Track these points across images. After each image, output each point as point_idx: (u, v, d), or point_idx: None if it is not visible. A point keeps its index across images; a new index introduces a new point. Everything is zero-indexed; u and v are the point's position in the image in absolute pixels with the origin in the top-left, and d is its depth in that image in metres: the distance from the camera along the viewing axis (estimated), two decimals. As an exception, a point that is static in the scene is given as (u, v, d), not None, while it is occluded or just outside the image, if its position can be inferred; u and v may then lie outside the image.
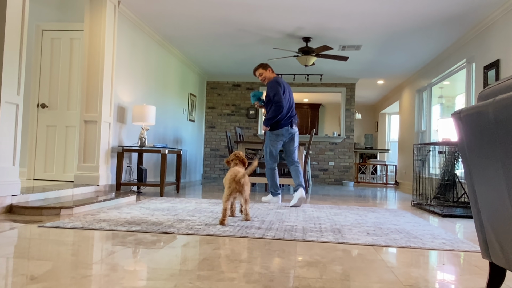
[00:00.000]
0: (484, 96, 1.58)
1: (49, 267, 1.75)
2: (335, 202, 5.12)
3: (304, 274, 1.78)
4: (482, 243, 1.59)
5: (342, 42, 6.25)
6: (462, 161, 1.70)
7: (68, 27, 5.01)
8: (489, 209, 1.52)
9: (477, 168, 1.57)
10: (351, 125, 9.22)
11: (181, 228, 2.75)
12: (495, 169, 1.43)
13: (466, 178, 1.68)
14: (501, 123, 1.36)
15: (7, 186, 3.20)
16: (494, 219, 1.49)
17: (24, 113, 5.08)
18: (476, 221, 1.62)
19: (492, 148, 1.43)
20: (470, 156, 1.60)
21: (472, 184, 1.63)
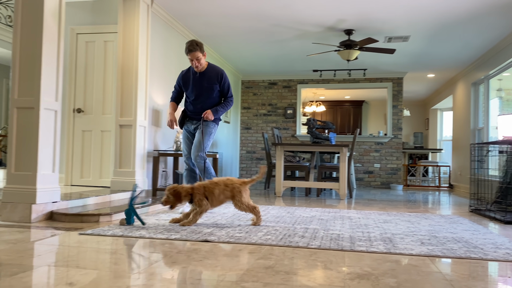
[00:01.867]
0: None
1: (93, 276, 1.85)
2: (382, 207, 5.05)
3: (355, 287, 1.78)
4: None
5: (388, 33, 6.14)
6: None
7: (102, 30, 5.22)
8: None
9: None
10: (399, 123, 9.03)
11: (221, 236, 2.81)
12: None
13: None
14: None
15: (48, 193, 3.38)
16: None
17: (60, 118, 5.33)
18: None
19: None
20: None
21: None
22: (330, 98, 12.51)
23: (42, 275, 1.86)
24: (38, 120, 3.30)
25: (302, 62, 8.10)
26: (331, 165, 6.36)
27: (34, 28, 3.34)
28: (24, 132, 3.33)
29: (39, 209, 3.31)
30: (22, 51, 3.35)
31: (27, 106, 3.33)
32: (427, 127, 12.32)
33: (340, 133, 12.55)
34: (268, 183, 7.26)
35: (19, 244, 2.49)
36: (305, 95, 11.72)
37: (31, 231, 2.94)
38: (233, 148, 9.12)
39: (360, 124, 12.64)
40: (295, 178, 6.97)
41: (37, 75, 3.31)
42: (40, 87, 3.31)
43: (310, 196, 6.27)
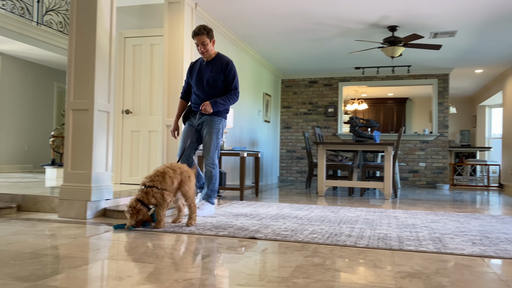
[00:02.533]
0: None
1: (151, 269, 1.95)
2: (429, 207, 4.95)
3: (407, 285, 1.79)
4: None
5: (433, 29, 6.00)
6: None
7: (148, 33, 5.41)
8: None
9: None
10: (445, 121, 8.78)
11: (268, 234, 2.87)
12: None
13: None
14: None
15: (102, 191, 3.56)
16: None
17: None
18: None
19: None
20: None
21: None
22: (373, 95, 12.32)
23: (103, 268, 1.99)
24: (92, 121, 3.48)
25: (343, 60, 8.05)
26: (375, 164, 6.29)
27: (88, 34, 3.52)
28: (79, 133, 3.52)
29: (93, 206, 3.49)
30: (77, 56, 3.55)
31: (82, 108, 3.51)
32: (475, 125, 11.89)
33: (383, 131, 12.34)
34: (309, 183, 7.26)
35: (78, 239, 2.65)
36: (347, 93, 11.61)
37: (87, 227, 3.11)
38: (273, 147, 9.18)
39: (404, 122, 12.37)
40: (337, 178, 6.94)
41: (91, 79, 3.50)
42: (93, 89, 3.49)
43: (353, 196, 6.23)
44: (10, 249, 2.32)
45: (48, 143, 9.29)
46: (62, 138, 7.06)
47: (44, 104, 9.31)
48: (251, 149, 7.53)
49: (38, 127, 9.13)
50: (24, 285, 1.68)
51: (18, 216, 3.52)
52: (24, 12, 7.19)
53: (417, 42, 6.63)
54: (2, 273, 1.85)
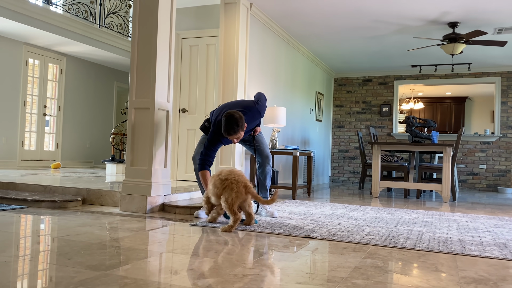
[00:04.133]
0: None
1: (211, 264, 2.01)
2: (491, 211, 4.71)
3: (472, 291, 1.73)
4: None
5: (498, 24, 5.70)
6: None
7: (204, 34, 5.54)
8: None
9: None
10: (509, 121, 8.32)
11: (323, 234, 2.86)
12: None
13: None
14: None
15: (161, 186, 3.70)
16: None
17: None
18: None
19: None
20: None
21: None
22: (429, 94, 11.88)
23: (166, 260, 2.07)
24: (153, 120, 3.62)
25: (400, 58, 7.83)
26: (433, 165, 6.08)
27: (149, 35, 3.67)
28: (141, 130, 3.68)
29: (153, 201, 3.63)
30: (139, 57, 3.70)
31: (143, 107, 3.67)
32: (542, 125, 11.15)
33: (440, 131, 11.87)
34: (362, 183, 7.14)
35: (140, 232, 2.77)
36: (402, 91, 11.28)
37: (146, 220, 3.24)
38: (325, 147, 9.10)
39: (463, 122, 11.84)
40: (392, 179, 6.77)
41: (152, 79, 3.64)
42: (154, 89, 3.63)
43: (409, 198, 6.05)
44: (79, 239, 2.48)
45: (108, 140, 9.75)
46: (122, 136, 7.39)
47: (105, 103, 9.77)
48: (303, 148, 7.51)
49: (99, 125, 9.60)
50: (95, 274, 1.79)
51: (83, 209, 3.74)
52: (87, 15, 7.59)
53: (479, 38, 6.33)
54: (74, 261, 1.98)
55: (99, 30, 7.83)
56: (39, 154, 8.16)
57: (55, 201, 3.69)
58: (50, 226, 2.90)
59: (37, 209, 3.61)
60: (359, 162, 9.28)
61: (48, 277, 1.73)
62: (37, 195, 3.93)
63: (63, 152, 8.67)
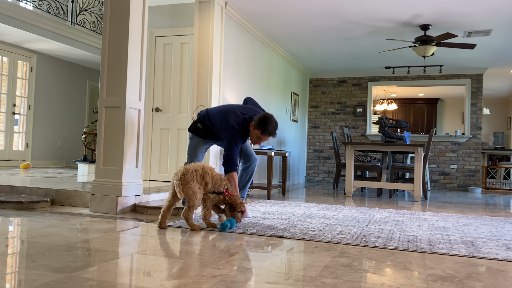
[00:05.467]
0: None
1: (180, 265, 1.98)
2: (460, 210, 4.83)
3: (438, 288, 1.75)
4: None
5: (467, 27, 5.85)
6: None
7: (178, 32, 5.48)
8: None
9: None
10: (478, 122, 8.54)
11: (296, 233, 2.86)
12: None
13: None
14: None
15: (132, 187, 3.63)
16: None
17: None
18: None
19: None
20: None
21: None
22: (402, 95, 12.10)
23: (134, 262, 2.03)
24: (124, 119, 3.55)
25: (373, 59, 7.94)
26: (405, 165, 6.18)
27: (120, 33, 3.60)
28: (111, 130, 3.61)
29: (124, 202, 3.57)
30: (110, 55, 3.63)
31: (114, 106, 3.60)
32: (509, 127, 11.51)
33: (413, 132, 12.11)
34: (336, 183, 7.20)
35: (110, 233, 2.71)
36: (376, 93, 11.44)
37: (117, 221, 3.18)
38: (300, 147, 9.15)
39: (435, 123, 12.10)
40: (366, 178, 6.86)
41: (123, 77, 3.57)
42: (126, 87, 3.56)
43: (382, 197, 6.14)
44: (45, 241, 2.40)
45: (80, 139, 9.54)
46: (94, 135, 7.24)
47: (77, 102, 9.57)
48: (278, 148, 7.52)
49: (70, 124, 9.39)
50: (59, 276, 1.74)
51: (52, 210, 3.63)
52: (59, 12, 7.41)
53: (450, 41, 6.48)
54: (38, 264, 1.92)
55: (71, 27, 7.66)
56: (8, 154, 7.92)
57: (22, 202, 3.58)
58: (15, 227, 2.80)
59: (2, 210, 3.49)
60: (334, 162, 9.37)
61: (7, 281, 1.67)
62: (3, 196, 3.81)
63: (33, 152, 8.44)
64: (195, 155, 3.68)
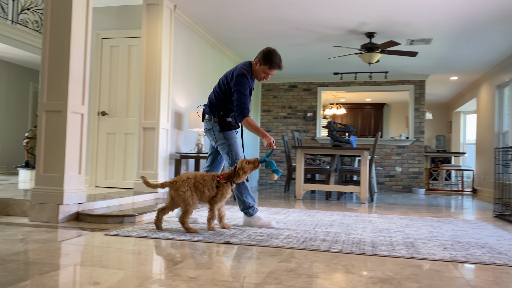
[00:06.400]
0: None
1: (120, 276, 1.91)
2: (404, 212, 5.01)
3: (377, 291, 1.79)
4: None
5: (410, 36, 6.10)
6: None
7: (126, 34, 5.34)
8: None
9: None
10: (421, 126, 8.93)
11: (243, 239, 2.85)
12: None
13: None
14: None
15: (74, 194, 3.48)
16: None
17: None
18: None
19: None
20: None
21: None
22: (351, 100, 12.44)
23: (70, 274, 1.93)
24: (66, 123, 3.40)
25: (322, 65, 8.10)
26: (352, 168, 6.34)
27: (62, 34, 3.45)
28: (52, 135, 3.44)
29: (66, 210, 3.41)
30: (50, 56, 3.47)
31: (55, 110, 3.43)
32: (450, 130, 12.13)
33: (361, 136, 12.47)
34: (288, 186, 7.27)
35: (48, 244, 2.57)
36: (325, 97, 11.69)
37: (58, 231, 3.03)
38: (253, 150, 9.17)
39: (381, 127, 12.53)
40: (315, 181, 6.97)
41: (65, 80, 3.42)
42: (67, 91, 3.41)
43: (331, 200, 6.26)
44: (-25, 254, 2.24)
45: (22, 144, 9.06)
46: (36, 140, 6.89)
47: (19, 105, 9.09)
48: (230, 153, 7.49)
49: (12, 128, 8.90)
50: (-14, 293, 1.62)
51: (-14, 220, 3.41)
52: (-2, 10, 7.00)
53: (393, 48, 6.73)
54: (-36, 280, 1.78)
55: (12, 26, 7.27)
56: None
57: (-48, 212, 3.33)
58: None
59: None
60: (285, 166, 9.47)
61: None
62: None
63: (-30, 158, 7.91)
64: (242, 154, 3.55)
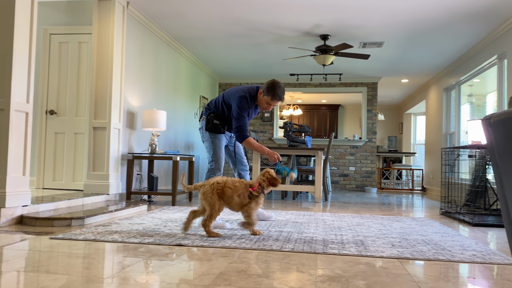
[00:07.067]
0: (515, 101, 1.59)
1: (63, 281, 1.82)
2: (357, 210, 5.13)
3: (325, 289, 1.81)
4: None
5: (362, 39, 6.26)
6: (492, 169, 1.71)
7: (76, 31, 5.14)
8: (521, 221, 1.53)
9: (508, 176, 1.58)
10: (373, 127, 9.19)
11: (195, 240, 2.80)
12: (528, 179, 1.44)
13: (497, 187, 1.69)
14: (533, 130, 1.38)
15: (18, 196, 3.31)
16: (527, 231, 1.50)
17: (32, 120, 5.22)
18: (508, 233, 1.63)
19: (524, 157, 1.44)
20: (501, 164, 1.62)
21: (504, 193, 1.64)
22: (307, 101, 12.63)
23: (10, 281, 1.83)
24: (8, 122, 3.23)
25: (279, 66, 8.17)
26: (307, 168, 6.42)
27: (4, 27, 3.27)
28: (-7, 134, 3.25)
29: (8, 213, 3.23)
30: (-8, 51, 3.28)
31: (-4, 108, 3.25)
32: (401, 131, 12.57)
33: (317, 136, 12.68)
34: (244, 186, 7.26)
35: (-13, 249, 2.43)
36: (282, 98, 11.78)
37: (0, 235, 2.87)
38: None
39: (336, 127, 12.80)
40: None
41: (8, 76, 3.25)
42: (10, 88, 3.24)
43: (286, 199, 6.32)
44: None
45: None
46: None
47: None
48: (186, 153, 7.40)
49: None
50: None
51: None
52: None
53: (347, 51, 6.88)
54: None
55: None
56: None
57: None
58: None
59: None
60: (242, 166, 9.46)
61: None
62: None
63: None
64: (222, 156, 3.68)
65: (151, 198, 5.59)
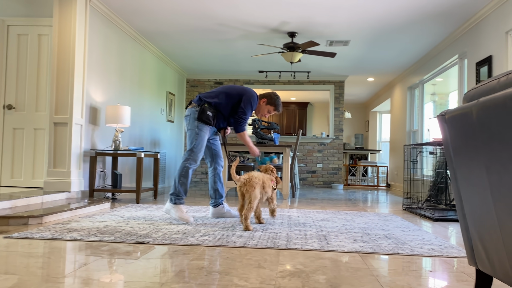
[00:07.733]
0: (469, 97, 1.63)
1: (16, 282, 1.74)
2: (323, 206, 5.18)
3: (285, 285, 1.81)
4: (468, 249, 1.65)
5: (329, 37, 6.31)
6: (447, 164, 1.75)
7: (35, 23, 4.96)
8: (474, 214, 1.57)
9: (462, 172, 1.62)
10: (340, 125, 9.31)
11: (157, 238, 2.75)
12: (479, 173, 1.48)
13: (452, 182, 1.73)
14: (485, 126, 1.41)
15: (-31, 194, 3.15)
16: (479, 225, 1.54)
17: (-12, 114, 4.99)
18: (462, 227, 1.67)
19: (476, 152, 1.48)
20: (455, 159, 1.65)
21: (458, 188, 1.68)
22: (276, 99, 12.66)
23: (-45, 283, 1.73)
24: (-40, 117, 3.07)
25: (247, 63, 8.15)
26: (276, 165, 6.43)
27: (-45, 17, 3.11)
28: None
29: (-40, 212, 3.08)
30: None
31: None
32: (367, 129, 12.81)
33: (286, 133, 12.75)
34: (212, 183, 7.21)
35: None
36: (251, 95, 11.79)
37: (-51, 235, 2.73)
38: (177, 148, 9.00)
39: (305, 125, 12.91)
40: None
41: (-41, 68, 3.09)
42: (-38, 81, 3.08)
43: (253, 196, 6.30)
44: None
45: None
46: None
47: None
48: (151, 150, 7.28)
49: None
50: None
51: None
52: None
53: (314, 49, 6.93)
54: None
55: None
56: None
57: None
58: None
59: None
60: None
61: None
62: None
63: None
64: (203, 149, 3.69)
65: (115, 196, 5.46)
